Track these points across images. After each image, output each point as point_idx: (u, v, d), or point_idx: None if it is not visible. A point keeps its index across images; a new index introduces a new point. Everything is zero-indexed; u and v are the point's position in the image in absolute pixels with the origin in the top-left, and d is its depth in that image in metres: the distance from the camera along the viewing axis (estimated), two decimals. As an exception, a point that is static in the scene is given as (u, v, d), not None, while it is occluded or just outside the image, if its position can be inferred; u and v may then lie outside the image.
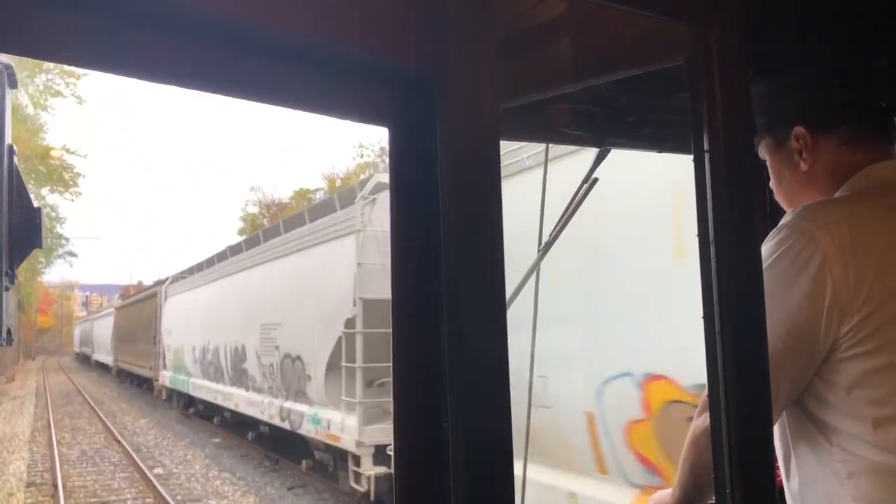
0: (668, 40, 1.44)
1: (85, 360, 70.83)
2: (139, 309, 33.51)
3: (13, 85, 0.96)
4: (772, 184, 1.75)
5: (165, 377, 26.43)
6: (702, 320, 1.29)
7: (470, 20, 1.08)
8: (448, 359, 1.06)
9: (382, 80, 1.19)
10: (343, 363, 11.20)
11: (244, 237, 29.90)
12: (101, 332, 51.36)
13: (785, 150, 1.67)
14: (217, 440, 19.67)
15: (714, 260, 1.27)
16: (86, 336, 68.37)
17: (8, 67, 0.92)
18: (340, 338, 11.30)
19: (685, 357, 4.86)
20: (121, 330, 39.95)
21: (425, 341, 1.14)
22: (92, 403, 30.16)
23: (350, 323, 11.08)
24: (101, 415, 26.03)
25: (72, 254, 52.65)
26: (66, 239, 50.27)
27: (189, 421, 23.63)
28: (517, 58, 1.63)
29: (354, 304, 10.91)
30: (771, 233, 1.54)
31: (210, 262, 22.38)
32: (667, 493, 1.72)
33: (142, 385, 34.99)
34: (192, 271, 24.88)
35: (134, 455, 17.09)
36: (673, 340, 4.90)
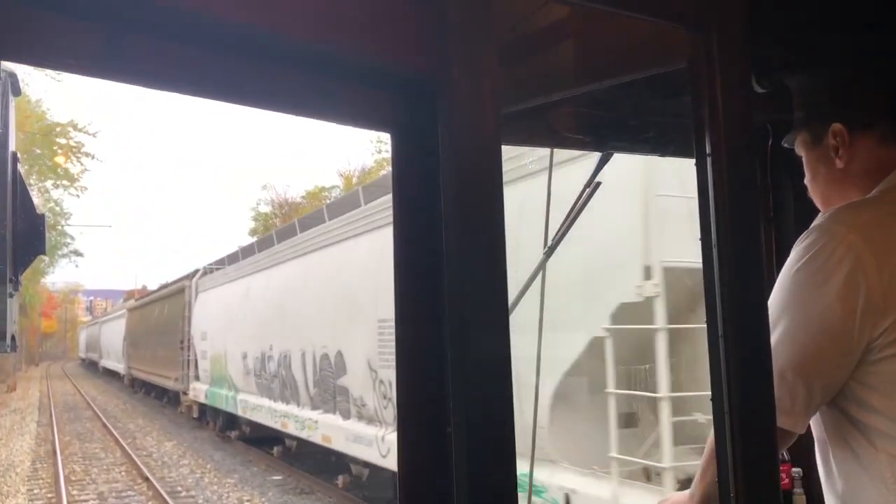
0: (669, 44, 1.44)
1: (91, 366, 65.47)
2: (160, 309, 28.24)
3: (16, 93, 0.96)
4: (806, 180, 1.72)
5: (199, 391, 20.97)
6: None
7: (471, 25, 1.09)
8: (451, 362, 1.06)
9: (385, 85, 1.20)
10: (611, 390, 5.79)
11: (256, 237, 26.84)
12: (111, 337, 45.40)
13: (822, 146, 1.65)
14: (278, 478, 14.16)
15: (717, 264, 1.27)
16: (92, 341, 62.45)
17: (11, 76, 0.92)
18: (600, 340, 5.91)
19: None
20: (135, 334, 34.38)
21: (429, 345, 1.15)
22: (104, 420, 25.12)
23: (624, 313, 5.81)
24: (116, 436, 20.80)
25: (77, 253, 48.95)
26: (72, 237, 47.13)
27: (230, 447, 18.34)
28: (519, 62, 1.63)
29: (647, 277, 5.62)
30: (802, 236, 1.52)
31: (265, 243, 16.84)
32: (683, 495, 1.69)
33: (162, 397, 29.65)
34: (235, 258, 19.63)
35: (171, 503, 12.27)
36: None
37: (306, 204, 41.28)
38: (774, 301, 1.50)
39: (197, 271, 23.45)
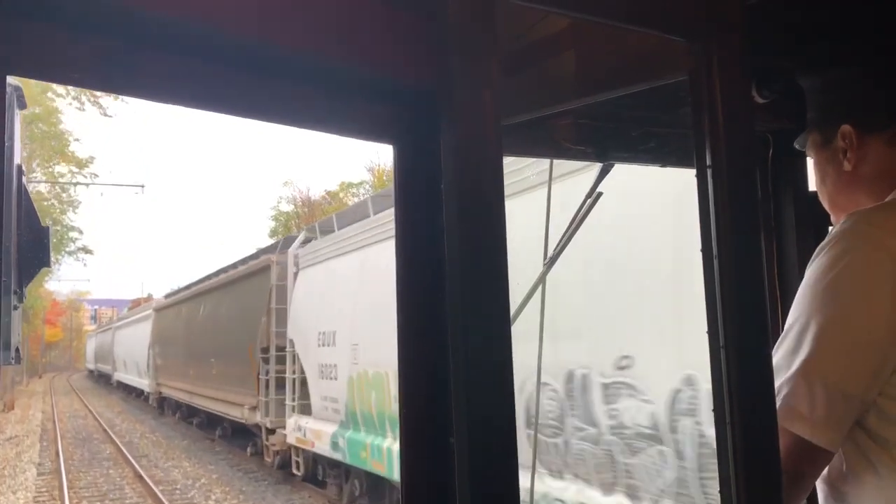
0: (670, 56, 1.45)
1: (102, 379, 56.10)
2: (213, 303, 19.44)
3: (22, 106, 0.98)
4: (815, 183, 1.69)
5: (311, 434, 12.30)
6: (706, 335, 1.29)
7: (473, 38, 1.09)
8: (453, 372, 1.07)
9: (387, 98, 1.21)
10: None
11: (277, 238, 23.01)
12: (129, 345, 35.33)
13: (831, 148, 1.61)
14: None
15: (717, 275, 1.27)
16: (103, 350, 51.93)
17: (17, 89, 0.93)
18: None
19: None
20: (167, 340, 25.89)
21: (431, 356, 1.15)
22: (134, 463, 16.31)
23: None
24: (163, 500, 12.65)
25: (86, 250, 41.31)
26: (80, 231, 39.99)
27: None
28: (520, 74, 1.64)
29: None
30: (827, 242, 1.45)
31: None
32: None
33: (210, 426, 20.92)
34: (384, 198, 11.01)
35: None
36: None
37: (329, 202, 38.57)
38: (806, 311, 1.43)
39: (290, 238, 15.25)
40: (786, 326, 1.46)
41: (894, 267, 1.37)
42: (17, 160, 0.96)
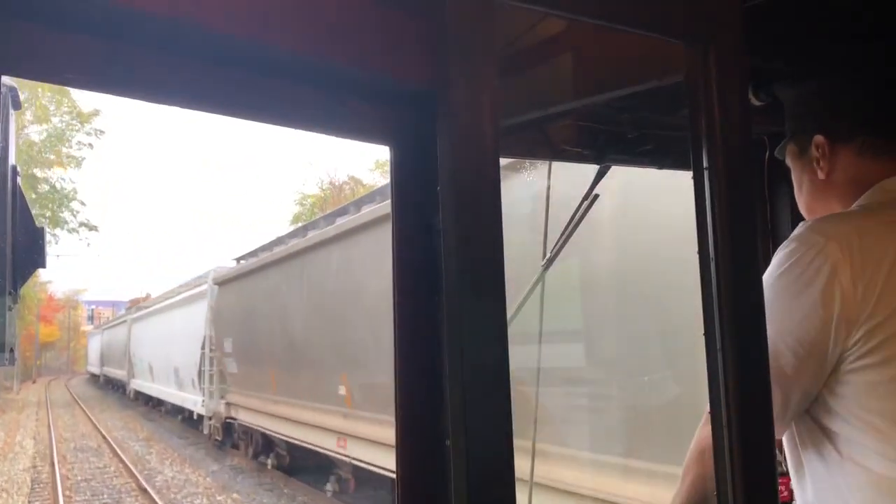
0: (667, 58, 1.45)
1: (109, 385, 44.59)
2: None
3: (17, 106, 0.97)
4: (794, 190, 1.76)
5: None
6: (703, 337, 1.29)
7: (471, 39, 1.09)
8: (449, 374, 1.07)
9: (384, 99, 1.21)
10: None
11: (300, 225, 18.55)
12: (159, 342, 23.80)
13: (806, 157, 1.68)
14: None
15: (714, 276, 1.27)
16: (114, 350, 39.03)
17: (12, 90, 0.93)
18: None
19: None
20: (253, 331, 14.60)
21: (427, 357, 1.15)
22: None
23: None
24: None
25: (89, 226, 31.36)
26: (82, 202, 31.11)
27: None
28: (518, 75, 1.64)
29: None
30: (782, 244, 1.54)
31: None
32: None
33: (369, 492, 11.14)
34: None
35: None
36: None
37: (352, 188, 35.26)
38: None
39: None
40: None
41: (831, 272, 1.45)
42: (11, 160, 0.95)
